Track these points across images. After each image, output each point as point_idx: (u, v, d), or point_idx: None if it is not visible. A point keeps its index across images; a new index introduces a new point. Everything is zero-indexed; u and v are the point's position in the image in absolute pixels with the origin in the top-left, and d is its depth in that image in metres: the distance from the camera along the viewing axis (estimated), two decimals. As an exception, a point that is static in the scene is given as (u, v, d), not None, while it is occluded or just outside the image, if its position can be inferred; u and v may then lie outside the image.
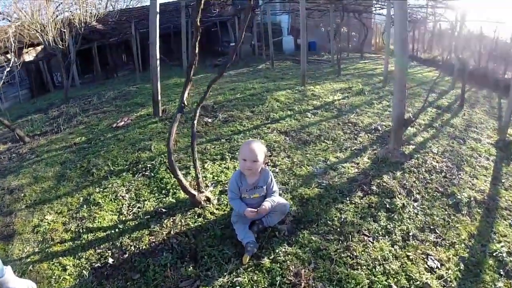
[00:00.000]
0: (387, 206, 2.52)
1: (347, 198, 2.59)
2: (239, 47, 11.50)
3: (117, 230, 2.41)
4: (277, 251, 2.06)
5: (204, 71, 9.86)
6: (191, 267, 1.98)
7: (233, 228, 2.21)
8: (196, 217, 2.44)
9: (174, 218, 2.44)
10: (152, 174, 3.15)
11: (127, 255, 2.15)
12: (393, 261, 1.99)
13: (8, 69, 5.75)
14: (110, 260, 2.12)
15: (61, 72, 8.85)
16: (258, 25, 14.07)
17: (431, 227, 2.36)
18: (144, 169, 3.27)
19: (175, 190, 2.80)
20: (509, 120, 4.23)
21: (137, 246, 2.22)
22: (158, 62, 4.55)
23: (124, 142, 4.05)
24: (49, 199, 3.02)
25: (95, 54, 13.37)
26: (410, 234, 2.25)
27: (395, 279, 1.86)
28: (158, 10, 4.58)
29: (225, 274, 1.91)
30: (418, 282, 1.84)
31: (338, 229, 2.25)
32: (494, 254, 2.14)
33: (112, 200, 2.83)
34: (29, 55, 13.98)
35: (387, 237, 2.20)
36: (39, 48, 14.13)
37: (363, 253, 2.04)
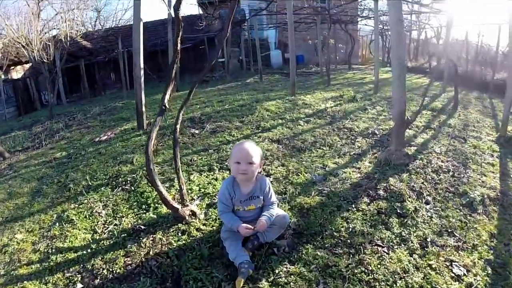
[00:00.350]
0: (398, 211, 2.26)
1: (353, 206, 2.32)
2: (227, 62, 11.52)
3: (89, 250, 2.09)
4: (277, 271, 1.76)
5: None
6: (174, 295, 1.66)
7: (224, 245, 1.89)
8: (179, 234, 2.12)
9: (154, 236, 2.12)
10: (132, 188, 2.85)
11: (98, 280, 1.83)
12: (415, 272, 1.71)
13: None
14: (79, 286, 1.80)
15: (49, 91, 8.56)
16: (245, 41, 14.07)
17: (449, 230, 2.11)
18: (124, 183, 2.98)
19: (156, 205, 2.49)
20: (508, 116, 4.16)
21: (111, 269, 1.89)
22: (142, 71, 4.29)
23: (105, 156, 3.79)
24: (21, 216, 2.73)
25: (83, 72, 13.08)
26: (428, 240, 1.98)
27: (422, 294, 1.58)
28: (141, 16, 4.36)
29: (215, 302, 1.59)
30: (447, 295, 1.56)
31: (347, 241, 1.96)
32: (520, 253, 1.91)
33: (87, 217, 2.52)
34: (17, 73, 13.78)
35: (403, 245, 1.93)
36: (27, 66, 13.95)
37: (379, 266, 1.75)
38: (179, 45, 2.20)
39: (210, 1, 13.90)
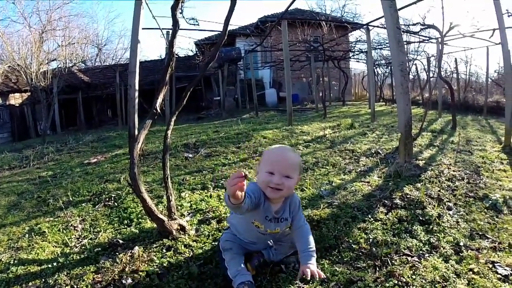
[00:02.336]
0: (420, 218, 2.01)
1: (369, 216, 2.07)
2: (223, 101, 11.62)
3: (55, 264, 1.77)
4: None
5: (188, 123, 9.60)
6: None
7: (222, 258, 1.55)
8: (163, 250, 1.81)
9: (132, 251, 1.80)
10: (116, 204, 2.58)
11: None
12: (457, 279, 1.44)
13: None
14: None
15: (44, 116, 8.45)
16: (241, 81, 14.37)
17: (480, 233, 1.88)
18: (107, 199, 2.70)
19: (140, 220, 2.20)
20: (511, 126, 4.15)
21: (75, 287, 1.56)
22: (136, 93, 4.13)
23: (91, 175, 3.55)
24: None
25: (80, 104, 13.07)
26: (461, 244, 1.73)
27: (471, 302, 1.30)
28: (139, 39, 4.29)
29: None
30: (500, 298, 1.28)
31: (370, 253, 1.69)
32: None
33: (61, 230, 2.21)
34: (15, 100, 13.82)
35: (434, 252, 1.66)
36: (25, 95, 13.97)
37: (414, 277, 1.47)
38: (174, 47, 2.11)
39: (206, 42, 14.40)
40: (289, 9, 6.52)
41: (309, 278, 1.38)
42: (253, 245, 1.63)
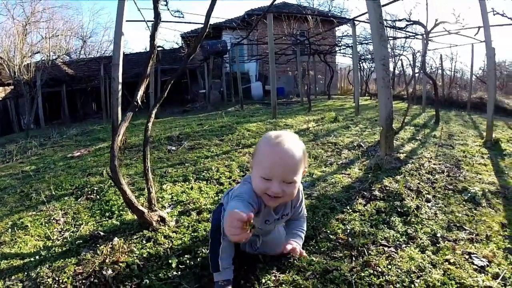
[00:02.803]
0: (399, 209, 2.01)
1: (348, 207, 2.05)
2: (208, 94, 11.48)
3: (37, 258, 1.74)
4: (263, 280, 1.43)
5: (173, 116, 9.45)
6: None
7: (216, 239, 1.37)
8: (144, 241, 1.78)
9: (113, 243, 1.77)
10: (98, 197, 2.52)
11: None
12: (433, 269, 1.43)
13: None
14: None
15: (27, 110, 8.16)
16: (227, 74, 14.21)
17: (457, 224, 1.88)
18: (89, 192, 2.63)
19: (121, 212, 2.15)
20: (492, 121, 4.23)
21: (57, 279, 1.52)
22: (120, 86, 3.99)
23: (74, 169, 3.46)
24: None
25: (64, 97, 12.68)
26: (438, 235, 1.73)
27: (446, 291, 1.29)
28: (124, 31, 4.13)
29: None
30: (476, 288, 1.28)
31: (347, 243, 1.67)
32: (537, 239, 1.70)
33: (43, 223, 2.15)
34: None
35: (411, 243, 1.65)
36: (8, 89, 13.47)
37: (390, 267, 1.46)
38: (156, 39, 2.04)
39: (192, 35, 14.14)
40: (276, 3, 6.44)
41: (287, 252, 1.33)
42: None
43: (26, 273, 1.62)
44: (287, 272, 1.48)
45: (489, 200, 2.23)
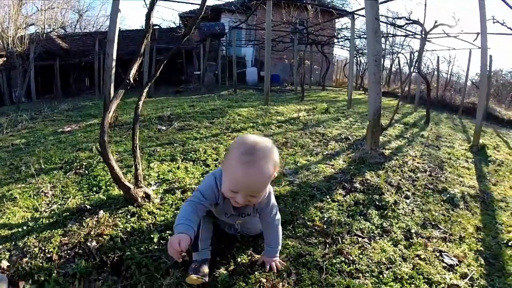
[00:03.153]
0: (377, 203, 2.05)
1: (327, 196, 2.08)
2: (203, 76, 11.33)
3: (25, 228, 1.75)
4: (239, 259, 1.46)
5: (166, 96, 9.33)
6: (110, 280, 1.34)
7: None
8: (128, 216, 1.80)
9: (98, 216, 1.79)
10: (86, 172, 2.52)
11: (27, 258, 1.49)
12: (403, 263, 1.48)
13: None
14: (4, 264, 1.46)
15: (19, 83, 7.95)
16: (223, 57, 14.01)
17: (433, 223, 1.93)
18: (78, 167, 2.63)
19: (108, 187, 2.16)
20: (481, 127, 4.29)
21: (43, 248, 1.54)
22: (114, 63, 3.89)
23: (64, 144, 3.45)
24: None
25: (57, 72, 12.36)
26: (412, 231, 1.77)
27: (413, 285, 1.34)
28: (120, 8, 3.98)
29: (158, 292, 1.27)
30: (442, 285, 1.33)
31: (322, 231, 1.70)
32: (509, 244, 1.78)
33: (32, 196, 2.16)
34: None
35: (385, 236, 1.70)
36: (1, 61, 13.05)
37: (361, 257, 1.50)
38: (151, 19, 1.99)
39: (190, 15, 13.85)
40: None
41: (267, 271, 1.39)
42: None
43: (13, 242, 1.64)
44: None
45: (467, 203, 2.29)
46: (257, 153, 1.18)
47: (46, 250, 1.53)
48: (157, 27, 13.00)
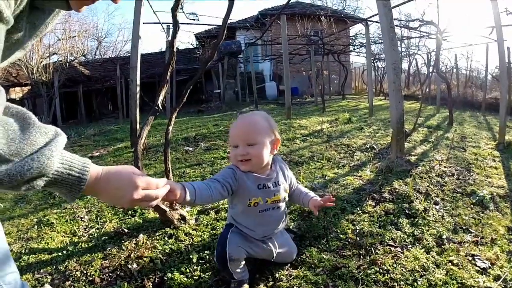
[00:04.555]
0: (407, 211, 2.10)
1: (358, 208, 2.16)
2: (223, 94, 11.67)
3: (65, 252, 1.88)
4: (277, 275, 1.56)
5: (188, 115, 9.68)
6: (155, 301, 1.45)
7: (224, 262, 1.38)
8: (166, 238, 1.93)
9: (137, 239, 1.92)
10: None
11: (70, 281, 1.60)
12: (436, 269, 1.53)
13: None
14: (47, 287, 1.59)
15: (45, 110, 8.55)
16: (241, 74, 14.36)
17: (464, 227, 1.95)
18: None
19: (143, 211, 2.31)
20: (505, 123, 4.24)
21: (85, 272, 1.67)
22: (138, 88, 4.18)
23: None
24: (1, 220, 2.51)
25: (80, 97, 13.13)
26: (444, 237, 1.81)
27: (447, 290, 1.39)
28: (140, 34, 4.31)
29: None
30: (476, 288, 1.38)
31: (355, 243, 1.78)
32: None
33: (68, 221, 2.32)
34: (16, 94, 13.79)
35: (417, 244, 1.75)
36: (26, 89, 13.98)
37: (395, 266, 1.56)
38: (175, 47, 2.18)
39: (206, 35, 14.37)
40: (290, 2, 6.53)
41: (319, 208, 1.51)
42: (253, 232, 1.46)
43: (54, 266, 1.75)
44: (299, 268, 1.61)
45: (497, 204, 2.29)
46: (249, 113, 1.49)
47: (88, 273, 1.64)
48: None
